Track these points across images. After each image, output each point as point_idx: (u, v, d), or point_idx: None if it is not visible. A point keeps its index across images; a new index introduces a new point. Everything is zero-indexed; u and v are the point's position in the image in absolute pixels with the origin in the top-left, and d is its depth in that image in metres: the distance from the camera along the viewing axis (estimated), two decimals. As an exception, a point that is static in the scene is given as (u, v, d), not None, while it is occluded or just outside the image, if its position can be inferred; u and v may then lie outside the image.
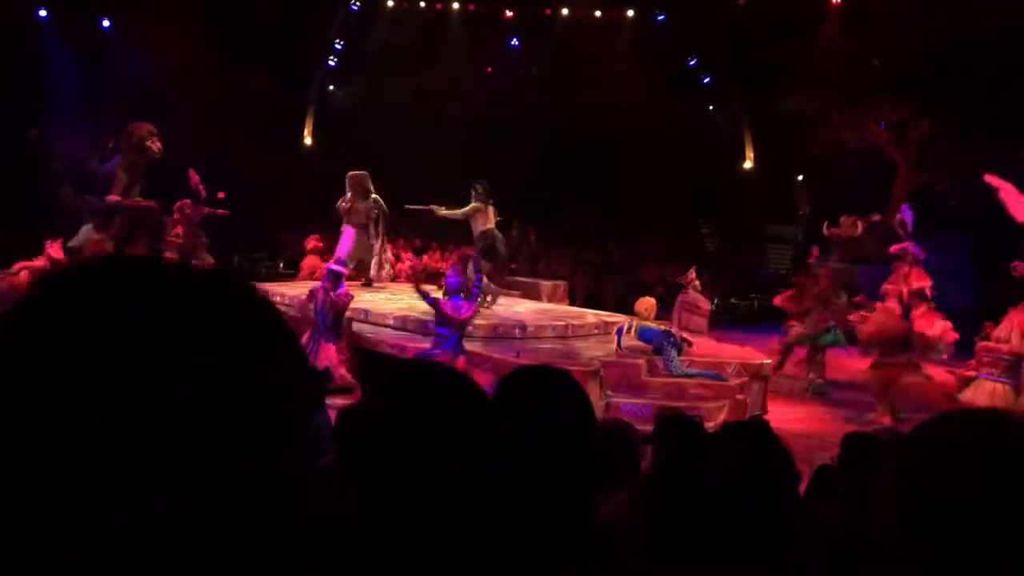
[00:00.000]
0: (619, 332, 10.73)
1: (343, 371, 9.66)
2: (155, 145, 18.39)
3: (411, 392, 1.35)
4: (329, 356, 9.59)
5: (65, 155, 18.66)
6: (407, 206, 13.18)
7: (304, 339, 9.67)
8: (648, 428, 3.49)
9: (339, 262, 10.65)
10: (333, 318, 9.87)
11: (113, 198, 18.34)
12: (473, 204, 12.68)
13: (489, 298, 11.90)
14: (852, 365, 12.88)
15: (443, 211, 13.08)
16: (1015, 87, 16.41)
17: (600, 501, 2.57)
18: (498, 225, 13.05)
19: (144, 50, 18.69)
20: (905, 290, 12.64)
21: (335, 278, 10.06)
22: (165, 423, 0.65)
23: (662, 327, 10.76)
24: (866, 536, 1.36)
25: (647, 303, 10.99)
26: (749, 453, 1.92)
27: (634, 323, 10.70)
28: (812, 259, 14.56)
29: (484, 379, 8.51)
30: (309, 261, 17.53)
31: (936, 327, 12.06)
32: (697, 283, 14.27)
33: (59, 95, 18.63)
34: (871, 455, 3.05)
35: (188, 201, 16.78)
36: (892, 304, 12.47)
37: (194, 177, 16.91)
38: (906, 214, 15.19)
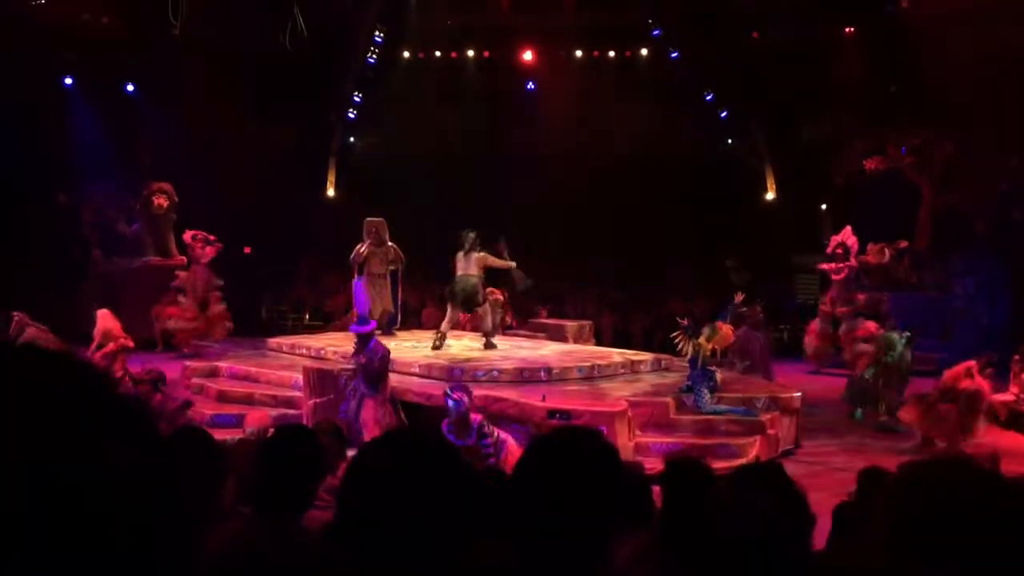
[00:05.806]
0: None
1: (375, 432, 9.27)
2: (158, 200, 18.72)
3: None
4: (370, 414, 9.28)
5: (93, 219, 18.95)
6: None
7: (351, 404, 9.54)
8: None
9: (361, 320, 10.17)
10: (374, 378, 9.46)
11: (154, 260, 18.74)
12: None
13: (437, 340, 12.71)
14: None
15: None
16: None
17: (615, 548, 2.51)
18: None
19: (168, 111, 19.00)
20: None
21: (361, 340, 9.62)
22: None
23: (711, 367, 10.49)
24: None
25: (727, 334, 10.54)
26: (759, 499, 1.86)
27: (698, 347, 10.19)
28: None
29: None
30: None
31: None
32: (760, 319, 13.81)
33: (85, 160, 18.93)
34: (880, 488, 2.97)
35: (199, 234, 17.23)
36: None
37: (187, 234, 17.42)
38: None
